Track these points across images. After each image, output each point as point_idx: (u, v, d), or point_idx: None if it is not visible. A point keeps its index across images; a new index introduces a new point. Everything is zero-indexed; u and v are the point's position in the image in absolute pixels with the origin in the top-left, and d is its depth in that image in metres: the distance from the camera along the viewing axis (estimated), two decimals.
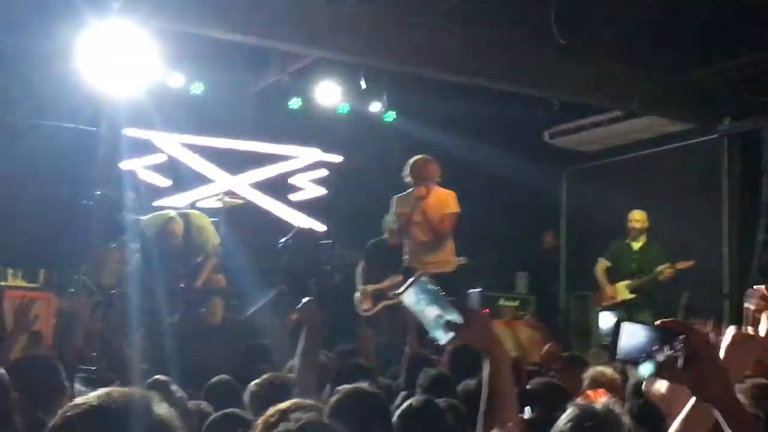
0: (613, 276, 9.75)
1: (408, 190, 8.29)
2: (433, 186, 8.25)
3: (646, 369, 1.93)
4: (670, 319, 1.96)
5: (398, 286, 8.54)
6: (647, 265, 9.49)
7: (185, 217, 8.73)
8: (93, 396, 1.80)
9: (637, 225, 9.63)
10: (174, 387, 4.13)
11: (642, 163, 11.57)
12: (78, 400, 1.81)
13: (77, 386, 3.87)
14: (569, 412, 2.75)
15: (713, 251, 10.37)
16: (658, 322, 1.95)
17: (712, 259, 10.32)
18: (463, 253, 11.93)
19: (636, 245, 9.63)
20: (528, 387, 4.09)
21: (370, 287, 9.72)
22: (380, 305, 9.62)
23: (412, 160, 8.30)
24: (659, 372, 1.94)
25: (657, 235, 10.70)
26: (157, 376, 4.26)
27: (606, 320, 9.71)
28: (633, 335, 1.92)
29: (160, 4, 7.83)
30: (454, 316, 2.56)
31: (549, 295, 11.82)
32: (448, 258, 8.32)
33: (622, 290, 9.42)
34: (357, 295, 9.76)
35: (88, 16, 6.05)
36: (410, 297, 2.59)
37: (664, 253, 9.60)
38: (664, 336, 1.89)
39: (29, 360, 4.14)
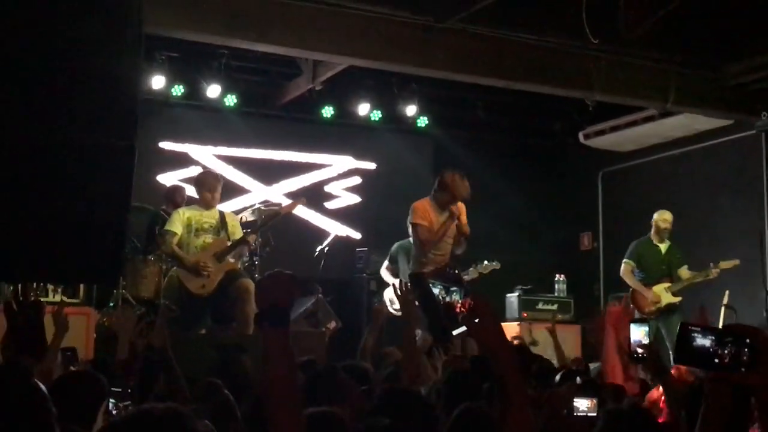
0: (640, 278, 9.48)
1: (434, 200, 7.95)
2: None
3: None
4: (735, 323, 2.03)
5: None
6: (674, 267, 9.31)
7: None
8: (134, 409, 1.86)
9: (669, 226, 9.41)
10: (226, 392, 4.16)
11: (678, 161, 11.47)
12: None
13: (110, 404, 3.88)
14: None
15: (753, 248, 10.24)
16: (722, 326, 1.97)
17: (752, 256, 10.18)
18: (500, 256, 11.95)
19: (663, 246, 9.41)
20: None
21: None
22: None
23: (451, 176, 7.87)
24: (722, 375, 1.96)
25: (695, 234, 10.59)
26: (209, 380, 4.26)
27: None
28: (700, 339, 1.94)
29: (185, 15, 7.88)
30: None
31: (588, 297, 11.73)
32: None
33: (665, 293, 9.20)
34: (387, 294, 9.76)
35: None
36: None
37: (683, 254, 9.43)
38: (726, 338, 1.91)
39: (73, 376, 4.15)
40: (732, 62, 9.82)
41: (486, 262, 9.72)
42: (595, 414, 3.41)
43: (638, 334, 4.17)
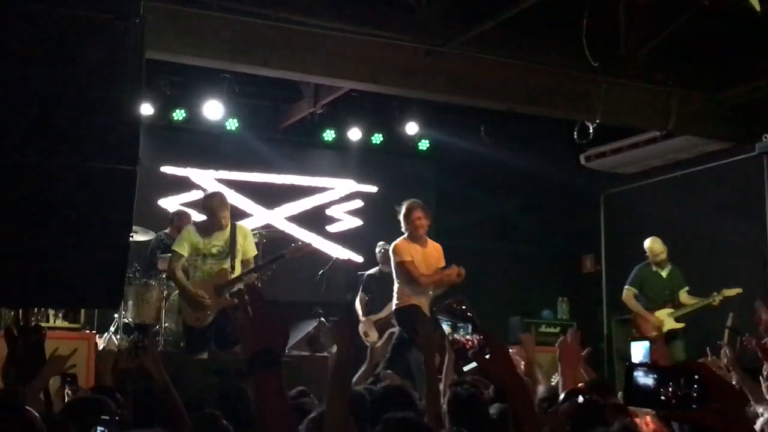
0: (643, 304, 9.49)
1: (404, 237, 8.04)
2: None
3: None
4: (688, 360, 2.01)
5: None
6: (676, 291, 9.31)
7: None
8: None
9: (661, 256, 9.38)
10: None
11: (680, 183, 11.46)
12: None
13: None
14: None
15: (756, 270, 10.21)
16: (669, 365, 1.95)
17: (755, 277, 10.15)
18: (502, 280, 11.93)
19: (665, 272, 9.41)
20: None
21: (373, 318, 9.72)
22: (387, 334, 9.62)
23: (407, 205, 7.99)
24: (670, 414, 1.92)
25: (698, 256, 10.57)
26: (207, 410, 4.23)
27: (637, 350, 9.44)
28: (644, 378, 1.91)
29: (187, 40, 7.90)
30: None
31: (591, 321, 11.69)
32: None
33: (667, 319, 9.18)
34: (361, 326, 9.73)
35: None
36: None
37: (685, 278, 9.42)
38: (673, 376, 1.88)
39: (84, 400, 4.12)
40: (732, 85, 9.85)
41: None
42: None
43: (639, 353, 4.15)
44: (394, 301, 8.09)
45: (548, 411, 3.63)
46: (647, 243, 9.48)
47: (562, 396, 4.46)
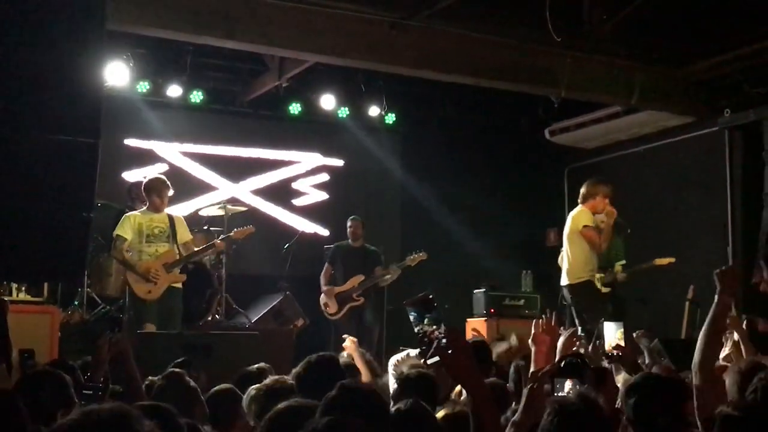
0: None
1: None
2: None
3: None
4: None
5: (359, 287, 8.64)
6: (609, 260, 9.15)
7: None
8: (79, 411, 1.85)
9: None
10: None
11: (643, 157, 11.56)
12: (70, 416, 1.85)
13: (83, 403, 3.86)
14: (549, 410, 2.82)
15: (717, 243, 10.36)
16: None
17: (717, 251, 10.30)
18: (467, 253, 11.99)
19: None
20: None
21: (336, 289, 9.76)
22: (346, 308, 9.67)
23: None
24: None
25: (661, 228, 10.69)
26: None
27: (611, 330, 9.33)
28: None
29: (151, 11, 7.83)
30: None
31: (555, 293, 11.79)
32: None
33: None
34: (322, 297, 9.79)
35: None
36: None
37: (624, 249, 9.27)
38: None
39: (39, 374, 4.12)
40: (696, 60, 9.93)
41: (414, 254, 9.73)
42: None
43: (613, 334, 4.20)
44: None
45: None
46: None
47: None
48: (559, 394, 3.30)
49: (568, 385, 3.36)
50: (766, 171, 9.81)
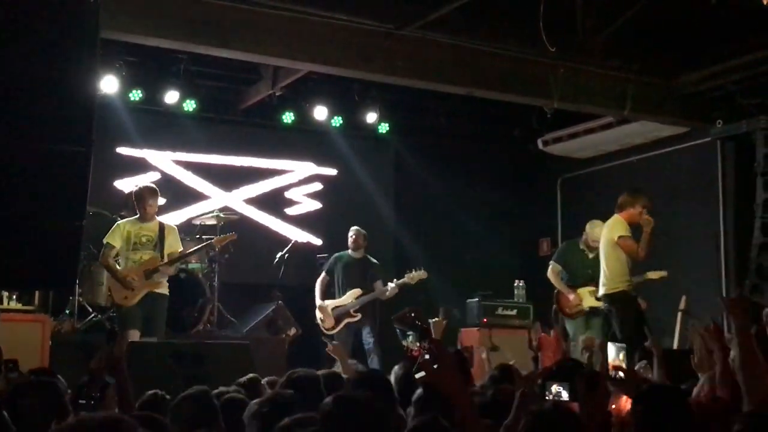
0: (566, 281, 9.36)
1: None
2: None
3: None
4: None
5: (357, 303, 8.64)
6: (599, 273, 9.08)
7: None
8: (73, 419, 1.86)
9: (598, 244, 9.13)
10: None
11: (636, 167, 11.58)
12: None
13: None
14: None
15: (710, 254, 10.37)
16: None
17: (709, 261, 10.32)
18: (460, 263, 12.00)
19: (591, 254, 9.25)
20: None
21: (329, 303, 9.66)
22: (342, 323, 9.52)
23: None
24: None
25: (654, 240, 10.69)
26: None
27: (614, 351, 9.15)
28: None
29: (144, 20, 7.82)
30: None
31: (548, 303, 11.78)
32: None
33: (587, 297, 9.14)
34: (317, 312, 9.69)
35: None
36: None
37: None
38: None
39: (32, 384, 4.09)
40: (688, 71, 9.96)
41: (414, 271, 9.48)
42: (567, 399, 3.43)
43: (615, 355, 4.17)
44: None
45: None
46: (588, 226, 9.31)
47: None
48: (549, 397, 3.31)
49: (555, 388, 3.37)
50: (758, 182, 9.82)
